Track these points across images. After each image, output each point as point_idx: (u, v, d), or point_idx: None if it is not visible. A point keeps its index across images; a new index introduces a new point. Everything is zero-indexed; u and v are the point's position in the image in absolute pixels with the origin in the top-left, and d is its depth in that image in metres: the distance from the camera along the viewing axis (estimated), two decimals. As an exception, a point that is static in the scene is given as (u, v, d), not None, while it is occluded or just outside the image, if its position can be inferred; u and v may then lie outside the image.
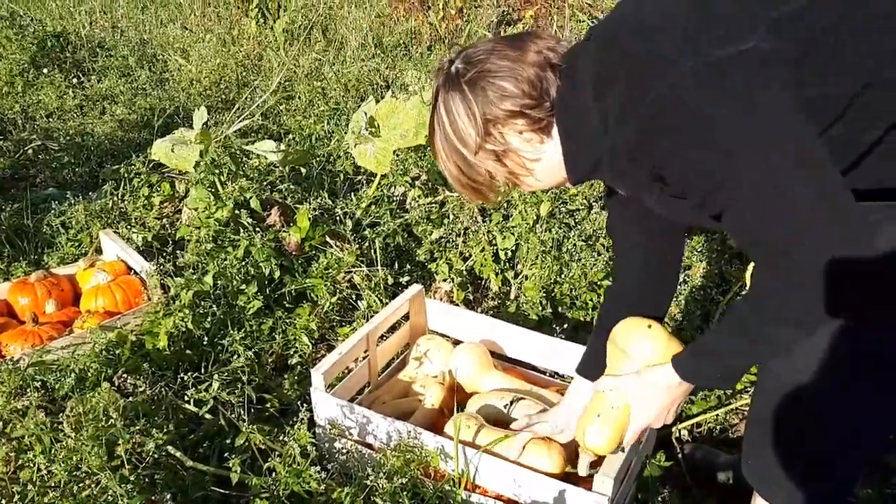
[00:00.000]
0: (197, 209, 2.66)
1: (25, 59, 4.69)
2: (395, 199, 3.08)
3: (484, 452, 1.64)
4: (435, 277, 2.67)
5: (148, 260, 2.51)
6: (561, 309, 2.53)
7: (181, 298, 2.24)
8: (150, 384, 1.92)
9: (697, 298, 2.48)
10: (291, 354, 2.28)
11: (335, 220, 2.82)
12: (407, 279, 2.57)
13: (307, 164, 3.28)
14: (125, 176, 3.18)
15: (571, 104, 1.21)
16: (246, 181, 2.71)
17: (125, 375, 1.96)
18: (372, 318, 2.05)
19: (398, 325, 2.16)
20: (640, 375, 1.37)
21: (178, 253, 2.67)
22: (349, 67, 4.71)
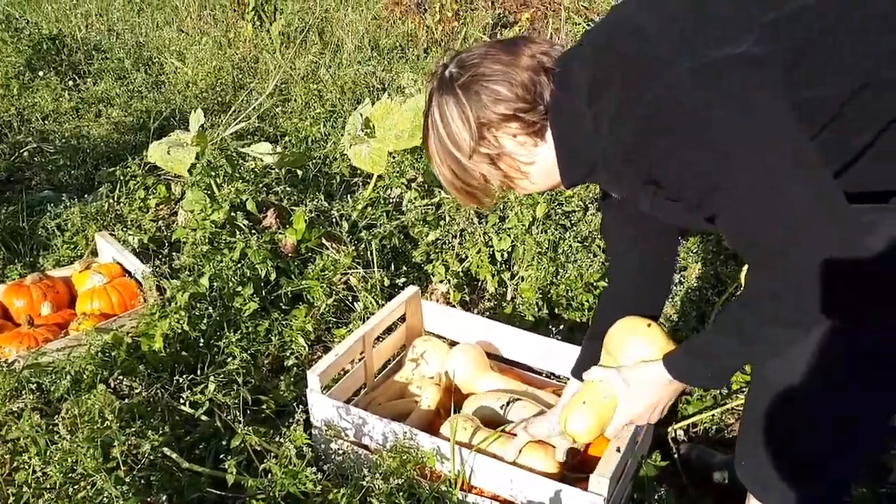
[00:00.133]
0: (193, 211, 2.66)
1: (21, 61, 4.69)
2: (391, 200, 3.09)
3: (480, 453, 1.64)
4: (431, 279, 2.67)
5: (144, 262, 2.50)
6: (557, 310, 2.53)
7: (177, 300, 2.23)
8: (145, 386, 1.92)
9: (693, 299, 2.49)
10: (288, 356, 2.28)
11: (331, 221, 2.82)
12: (403, 281, 2.57)
13: (303, 166, 3.28)
14: (121, 178, 3.18)
15: (565, 108, 1.21)
16: (242, 183, 2.71)
17: (121, 377, 1.96)
18: (368, 319, 2.05)
19: (394, 326, 2.17)
20: (631, 370, 1.37)
21: (173, 255, 2.66)
22: (345, 70, 4.72)
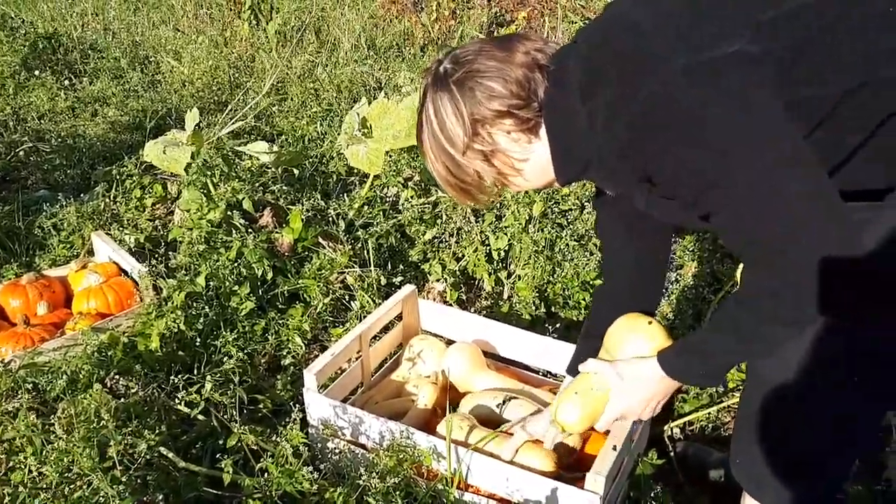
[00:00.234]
0: (189, 210, 2.65)
1: (17, 60, 4.68)
2: (387, 199, 3.09)
3: (477, 452, 1.64)
4: (428, 278, 2.67)
5: (140, 261, 2.50)
6: (554, 308, 2.54)
7: (173, 300, 2.23)
8: (142, 385, 1.92)
9: (689, 298, 2.49)
10: (284, 355, 2.28)
11: (328, 220, 2.82)
12: (400, 279, 2.57)
13: (300, 165, 3.28)
14: (117, 178, 3.18)
15: (560, 105, 1.21)
16: (238, 182, 2.71)
17: (117, 377, 1.96)
18: (365, 318, 2.05)
19: (391, 325, 2.16)
20: (625, 364, 1.37)
21: (170, 254, 2.66)
22: (342, 69, 4.71)
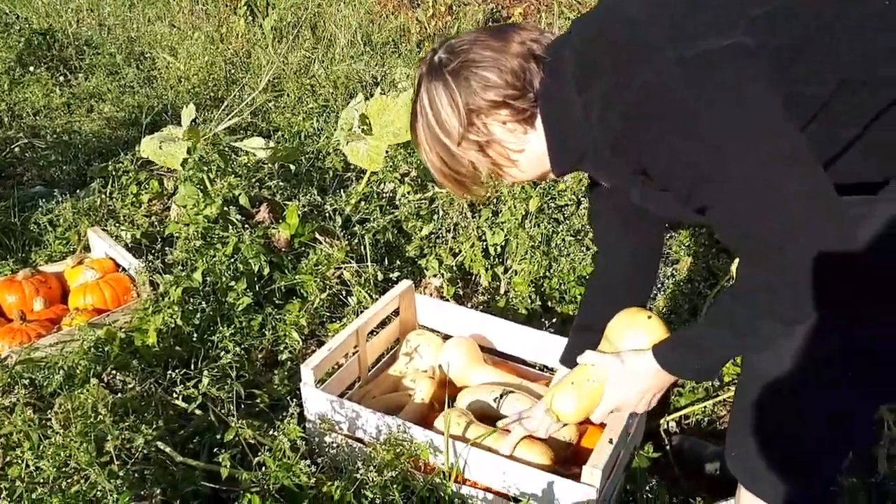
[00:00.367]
0: (185, 206, 2.65)
1: (11, 57, 4.66)
2: (384, 195, 3.09)
3: (473, 446, 1.65)
4: (425, 273, 2.67)
5: (136, 257, 2.49)
6: (550, 303, 2.54)
7: (170, 295, 2.23)
8: (139, 381, 1.91)
9: (685, 292, 2.50)
10: (281, 350, 2.28)
11: (324, 216, 2.82)
12: (397, 275, 2.57)
13: (296, 160, 3.28)
14: (113, 174, 3.17)
15: (555, 95, 1.20)
16: (235, 178, 2.71)
17: (114, 372, 1.95)
18: (362, 313, 2.05)
19: (388, 320, 2.17)
20: (623, 356, 1.37)
21: (166, 250, 2.66)
22: (338, 65, 4.71)
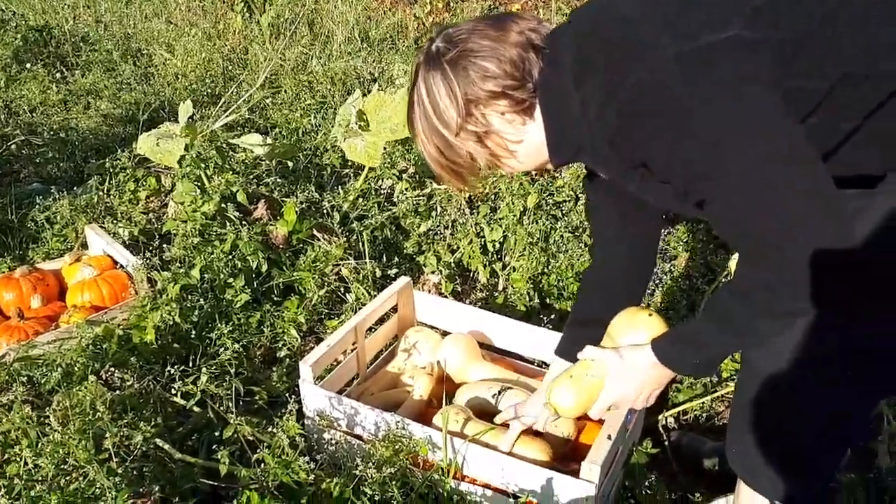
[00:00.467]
0: (183, 203, 2.65)
1: (8, 53, 4.65)
2: (382, 191, 3.08)
3: (472, 442, 1.65)
4: (423, 269, 2.67)
5: (134, 254, 2.49)
6: (548, 300, 2.54)
7: (168, 292, 2.23)
8: (137, 378, 1.91)
9: (683, 288, 2.50)
10: (280, 347, 2.28)
11: (322, 213, 2.82)
12: (395, 271, 2.57)
13: (294, 157, 3.27)
14: (110, 171, 3.16)
15: (554, 86, 1.19)
16: (232, 175, 2.70)
17: (112, 369, 1.95)
18: (360, 310, 2.05)
19: (386, 317, 2.17)
20: (622, 352, 1.36)
21: (164, 247, 2.65)
22: (335, 61, 4.70)
